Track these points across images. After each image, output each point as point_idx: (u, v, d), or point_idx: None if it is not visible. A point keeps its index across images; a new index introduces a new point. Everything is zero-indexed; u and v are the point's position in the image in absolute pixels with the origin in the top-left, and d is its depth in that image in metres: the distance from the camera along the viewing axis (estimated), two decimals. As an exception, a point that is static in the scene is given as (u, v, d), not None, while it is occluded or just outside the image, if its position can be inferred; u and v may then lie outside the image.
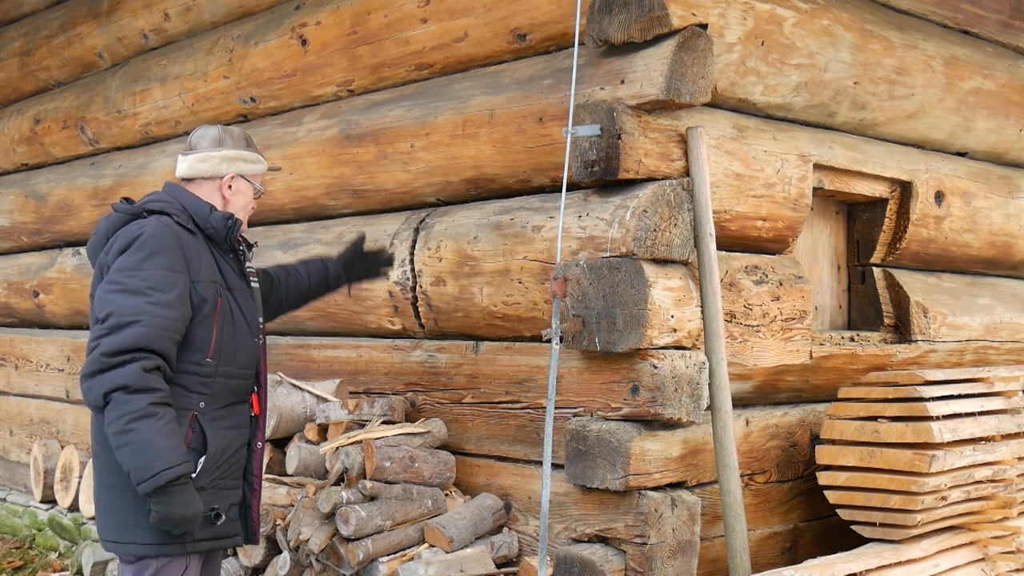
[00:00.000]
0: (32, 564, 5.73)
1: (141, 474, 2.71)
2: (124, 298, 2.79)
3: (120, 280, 2.82)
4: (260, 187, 3.24)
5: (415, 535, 3.71)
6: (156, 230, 2.90)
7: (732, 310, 3.55)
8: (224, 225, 3.06)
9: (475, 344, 3.99)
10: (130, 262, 2.85)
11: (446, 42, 4.07)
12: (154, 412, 2.72)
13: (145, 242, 2.87)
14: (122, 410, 2.71)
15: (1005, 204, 4.73)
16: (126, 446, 2.72)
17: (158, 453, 2.71)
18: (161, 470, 2.70)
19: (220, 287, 3.01)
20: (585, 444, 3.41)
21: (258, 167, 3.22)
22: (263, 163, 3.24)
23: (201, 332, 2.93)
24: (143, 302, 2.78)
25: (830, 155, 3.94)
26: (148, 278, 2.82)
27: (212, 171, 3.14)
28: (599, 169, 3.38)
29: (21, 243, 6.81)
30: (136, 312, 2.76)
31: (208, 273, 2.98)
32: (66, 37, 6.18)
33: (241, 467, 3.11)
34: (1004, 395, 3.77)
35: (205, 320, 2.94)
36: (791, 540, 3.91)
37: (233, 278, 3.09)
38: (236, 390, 3.06)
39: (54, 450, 6.04)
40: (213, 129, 3.21)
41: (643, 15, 3.34)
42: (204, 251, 3.01)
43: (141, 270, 2.83)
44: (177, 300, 2.84)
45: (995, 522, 3.71)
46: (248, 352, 3.09)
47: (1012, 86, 4.62)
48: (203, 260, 2.98)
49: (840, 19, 3.83)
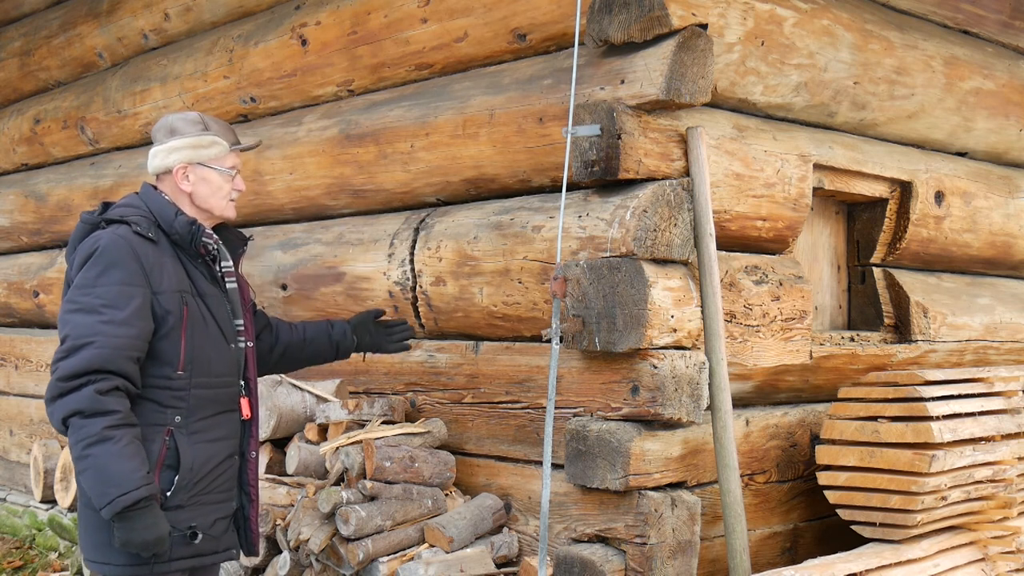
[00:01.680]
0: (32, 564, 5.73)
1: (99, 500, 2.65)
2: (79, 318, 2.70)
3: (76, 299, 2.74)
4: (226, 169, 2.99)
5: (415, 535, 3.71)
6: (110, 243, 2.77)
7: (732, 310, 3.55)
8: (188, 231, 2.89)
9: (475, 344, 3.99)
10: (86, 279, 2.75)
11: (446, 42, 4.07)
12: (110, 436, 2.63)
13: (99, 257, 2.75)
14: (79, 435, 2.64)
15: (1005, 204, 4.73)
16: (85, 472, 2.66)
17: (113, 479, 2.62)
18: (116, 496, 2.62)
19: (188, 295, 2.86)
20: (585, 444, 3.41)
21: (213, 150, 2.96)
22: (220, 144, 2.97)
23: (168, 345, 2.80)
24: (96, 321, 2.68)
25: (830, 155, 3.94)
26: (103, 295, 2.71)
27: (163, 166, 2.96)
28: (599, 169, 3.38)
29: (21, 243, 6.82)
30: (90, 333, 2.67)
31: (172, 282, 2.83)
32: (66, 37, 6.18)
33: (231, 479, 2.98)
34: (1004, 395, 3.77)
35: (171, 332, 2.81)
36: (791, 540, 3.91)
37: (204, 284, 2.93)
38: (217, 400, 2.92)
39: (54, 450, 6.04)
40: (169, 119, 3.02)
41: (643, 15, 3.34)
42: (168, 259, 2.86)
43: (96, 287, 2.73)
44: (134, 316, 2.72)
45: (995, 522, 3.71)
46: (224, 360, 2.94)
47: (1012, 86, 4.62)
48: (166, 269, 2.83)
49: (840, 19, 3.83)
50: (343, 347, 3.52)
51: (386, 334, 3.61)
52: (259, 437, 4.14)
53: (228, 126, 3.08)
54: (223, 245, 3.04)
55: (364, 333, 3.57)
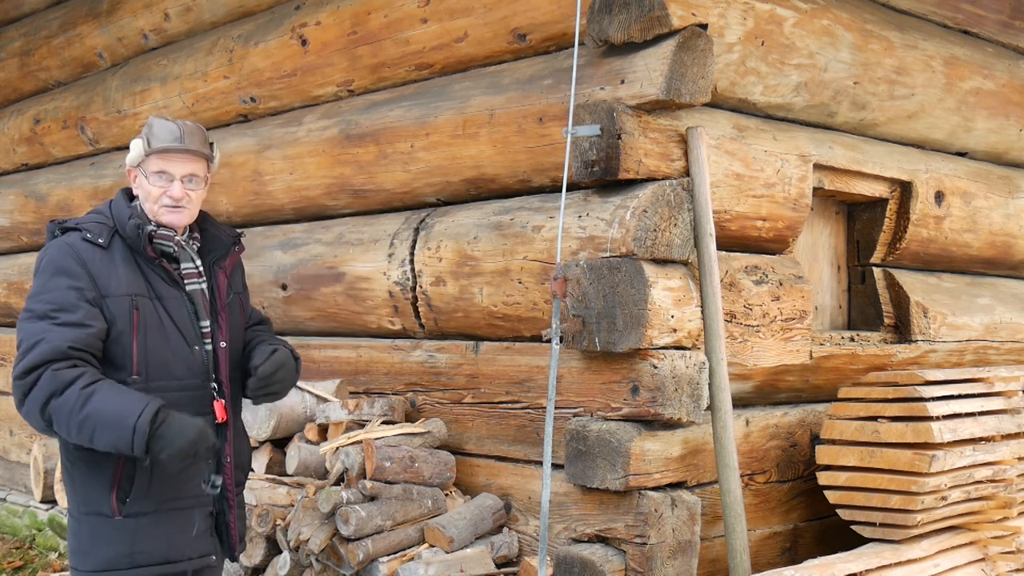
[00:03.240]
0: (32, 564, 5.73)
1: (123, 440, 2.61)
2: (31, 325, 2.72)
3: (29, 307, 2.76)
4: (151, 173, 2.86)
5: (415, 535, 3.71)
6: (57, 251, 2.79)
7: (732, 310, 3.55)
8: (135, 234, 2.85)
9: (475, 344, 3.99)
10: (36, 287, 2.78)
11: (446, 42, 4.07)
12: (92, 390, 2.62)
13: (48, 264, 2.78)
14: (65, 409, 2.62)
15: (1005, 204, 4.73)
16: (94, 432, 2.62)
17: (121, 412, 2.61)
18: (135, 421, 2.59)
19: (141, 298, 2.82)
20: (585, 444, 3.41)
21: (133, 153, 2.90)
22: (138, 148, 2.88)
23: (119, 350, 2.77)
24: (48, 325, 2.68)
25: (830, 155, 3.94)
26: (52, 300, 2.72)
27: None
28: (599, 169, 3.38)
29: (21, 243, 6.82)
30: (40, 333, 2.68)
31: (122, 286, 2.79)
32: (66, 37, 6.18)
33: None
34: (1004, 395, 3.77)
35: (122, 336, 2.78)
36: (791, 540, 3.91)
37: (162, 286, 2.87)
38: (179, 403, 2.79)
39: (54, 450, 6.04)
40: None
41: (643, 15, 3.34)
42: (120, 263, 2.82)
43: (45, 293, 2.74)
44: (86, 317, 2.72)
45: (995, 522, 3.71)
46: (185, 363, 2.86)
47: (1012, 86, 4.62)
48: (115, 273, 2.80)
49: (840, 19, 3.83)
50: None
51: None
52: (259, 438, 4.17)
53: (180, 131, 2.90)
54: (210, 243, 2.99)
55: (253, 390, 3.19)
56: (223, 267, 3.01)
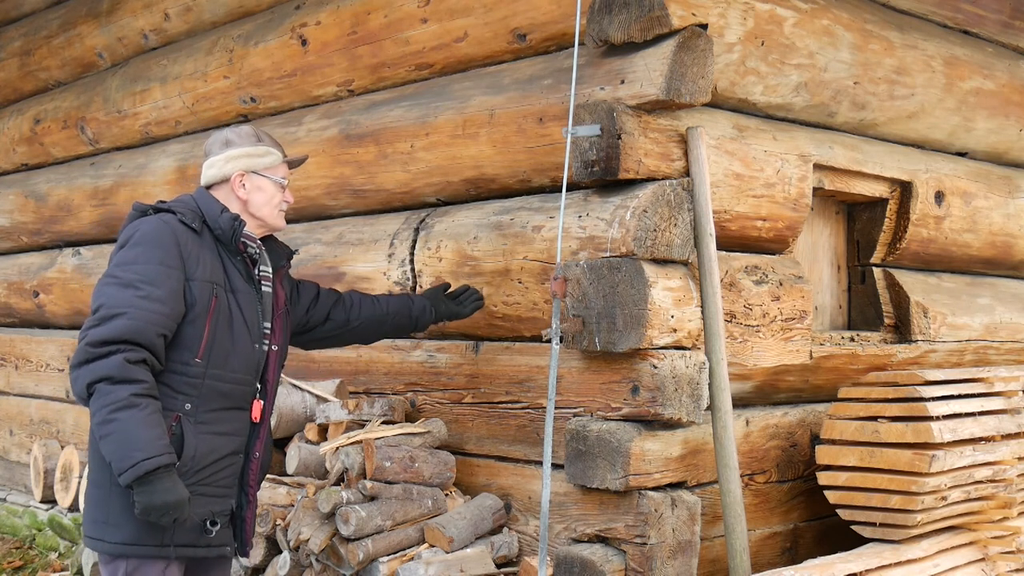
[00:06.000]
0: (32, 564, 5.73)
1: (122, 464, 2.69)
2: (115, 290, 2.79)
3: (114, 273, 2.83)
4: (279, 178, 3.14)
5: (415, 535, 3.71)
6: (154, 226, 2.90)
7: (732, 310, 3.55)
8: (230, 226, 3.01)
9: (475, 344, 3.99)
10: (126, 257, 2.86)
11: (446, 42, 4.07)
12: (136, 403, 2.69)
13: (142, 238, 2.87)
14: (105, 400, 2.69)
15: (1005, 204, 4.73)
16: (108, 436, 2.70)
17: (139, 443, 2.67)
18: (141, 460, 2.67)
19: (219, 288, 2.95)
20: (585, 444, 3.41)
21: (267, 159, 3.12)
22: (274, 154, 3.14)
23: (192, 331, 2.88)
24: (133, 295, 2.77)
25: (830, 155, 3.94)
26: (141, 272, 2.81)
27: (220, 175, 3.10)
28: (599, 169, 3.38)
29: (21, 243, 6.82)
30: (124, 304, 2.75)
31: (207, 272, 2.93)
32: (66, 37, 6.18)
33: (233, 475, 3.03)
34: (1004, 395, 3.77)
35: (197, 319, 2.89)
36: (791, 540, 3.91)
37: (239, 281, 3.02)
38: (229, 395, 2.97)
39: (54, 450, 6.04)
40: (223, 132, 3.17)
41: (643, 15, 3.34)
42: (208, 250, 2.97)
43: (135, 263, 2.83)
44: (169, 295, 2.82)
45: (995, 522, 3.71)
46: (245, 357, 3.01)
47: (1012, 86, 4.62)
48: (203, 259, 2.94)
49: (840, 19, 3.83)
50: (422, 321, 3.67)
51: (458, 302, 3.73)
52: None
53: (276, 140, 3.22)
54: (267, 253, 3.16)
55: (439, 304, 3.69)
56: (280, 277, 3.21)
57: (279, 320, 3.17)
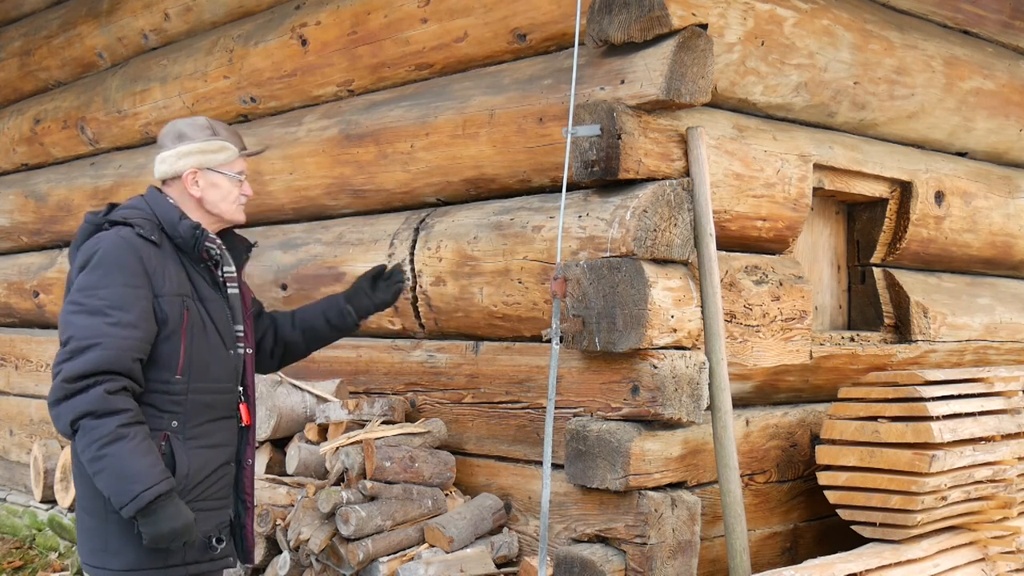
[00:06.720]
0: (32, 564, 5.73)
1: (121, 498, 2.61)
2: (84, 320, 2.67)
3: (79, 300, 2.70)
4: (234, 174, 2.97)
5: (415, 535, 3.71)
6: (112, 245, 2.75)
7: (732, 310, 3.55)
8: (191, 235, 2.85)
9: (475, 344, 3.99)
10: (89, 281, 2.72)
11: (446, 42, 4.07)
12: (125, 434, 2.60)
13: (103, 258, 2.72)
14: (92, 436, 2.60)
15: (1005, 204, 4.73)
16: (102, 472, 2.62)
17: (135, 475, 2.60)
18: (140, 492, 2.59)
19: (188, 299, 2.84)
20: (585, 444, 3.41)
21: (222, 155, 2.94)
22: (229, 149, 2.95)
23: (168, 348, 2.77)
24: (103, 323, 2.65)
25: (830, 155, 3.94)
26: (107, 297, 2.68)
27: (172, 171, 2.93)
28: (599, 169, 3.38)
29: (21, 243, 6.82)
30: (96, 334, 2.64)
31: (174, 286, 2.80)
32: (66, 37, 6.18)
33: (227, 486, 2.96)
34: (1004, 395, 3.77)
35: (171, 336, 2.77)
36: (791, 540, 3.91)
37: (205, 288, 2.90)
38: (213, 406, 2.88)
39: (54, 450, 6.04)
40: (177, 124, 2.99)
41: (643, 15, 3.34)
42: (171, 262, 2.83)
43: (100, 288, 2.69)
44: (139, 318, 2.70)
45: (995, 522, 3.71)
46: (223, 365, 2.91)
47: (1012, 86, 4.62)
48: (168, 272, 2.80)
49: (840, 19, 3.83)
50: (344, 327, 3.44)
51: (383, 288, 3.47)
52: (259, 438, 4.17)
53: (235, 131, 3.06)
54: (227, 251, 3.02)
55: (361, 300, 3.43)
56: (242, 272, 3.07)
57: (249, 321, 3.07)
